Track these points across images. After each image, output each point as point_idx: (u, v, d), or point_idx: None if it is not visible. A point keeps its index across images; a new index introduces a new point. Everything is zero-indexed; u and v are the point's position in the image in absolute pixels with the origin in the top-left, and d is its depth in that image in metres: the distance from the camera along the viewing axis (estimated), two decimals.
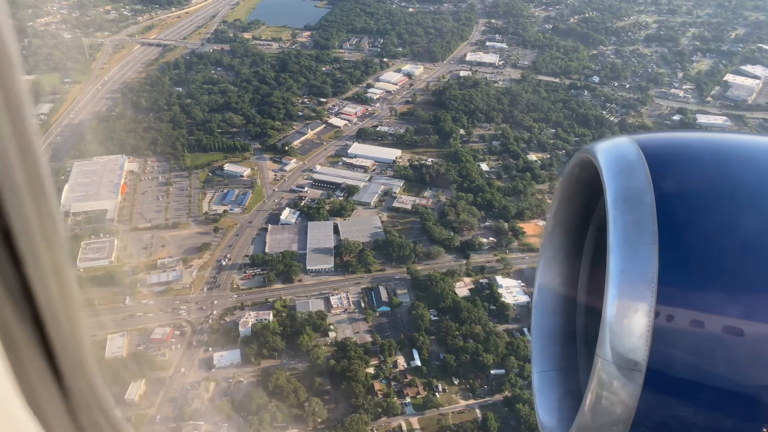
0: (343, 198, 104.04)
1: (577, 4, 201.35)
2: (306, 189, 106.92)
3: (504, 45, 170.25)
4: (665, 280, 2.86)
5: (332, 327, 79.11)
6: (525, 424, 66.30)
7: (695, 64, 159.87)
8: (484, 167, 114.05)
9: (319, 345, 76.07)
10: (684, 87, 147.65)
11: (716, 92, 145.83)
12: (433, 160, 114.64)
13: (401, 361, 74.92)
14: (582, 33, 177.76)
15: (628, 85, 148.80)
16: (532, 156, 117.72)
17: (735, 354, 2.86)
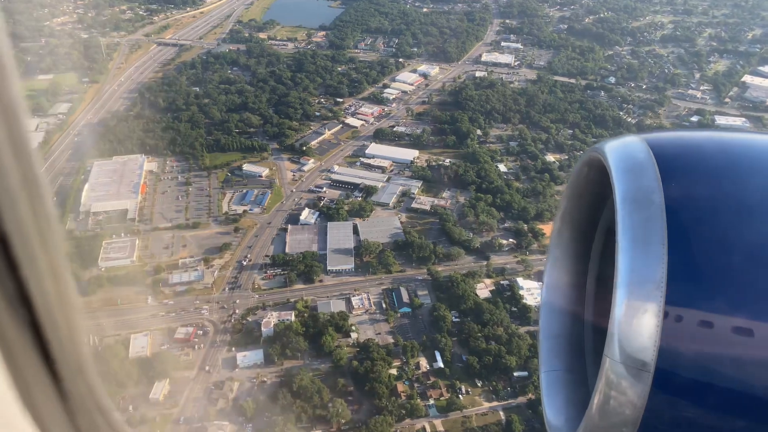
0: (362, 198, 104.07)
1: (592, 4, 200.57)
2: (324, 189, 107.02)
3: (519, 45, 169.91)
4: (674, 281, 2.84)
5: (354, 328, 79.16)
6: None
7: (712, 65, 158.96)
8: (502, 168, 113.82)
9: (341, 346, 76.12)
10: (701, 88, 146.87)
11: (734, 93, 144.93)
12: (451, 161, 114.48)
13: (424, 363, 74.85)
14: (597, 33, 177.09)
15: (645, 86, 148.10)
16: (550, 157, 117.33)
17: (744, 355, 2.84)
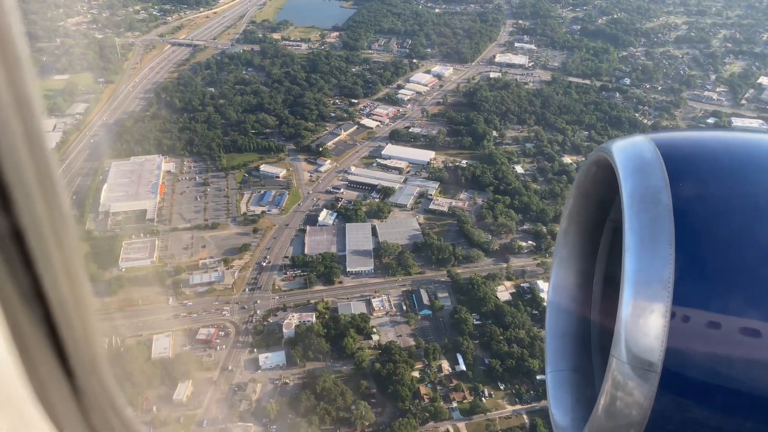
0: (379, 199, 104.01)
1: (605, 5, 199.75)
2: (342, 190, 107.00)
3: (533, 46, 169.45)
4: (681, 281, 2.83)
5: (375, 330, 79.14)
6: None
7: (727, 67, 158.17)
8: (519, 170, 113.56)
9: (363, 348, 76.10)
10: (717, 90, 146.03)
11: (750, 95, 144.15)
12: (468, 162, 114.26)
13: (446, 366, 74.76)
14: (611, 34, 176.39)
15: (660, 87, 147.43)
16: (567, 159, 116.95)
17: (751, 356, 2.83)
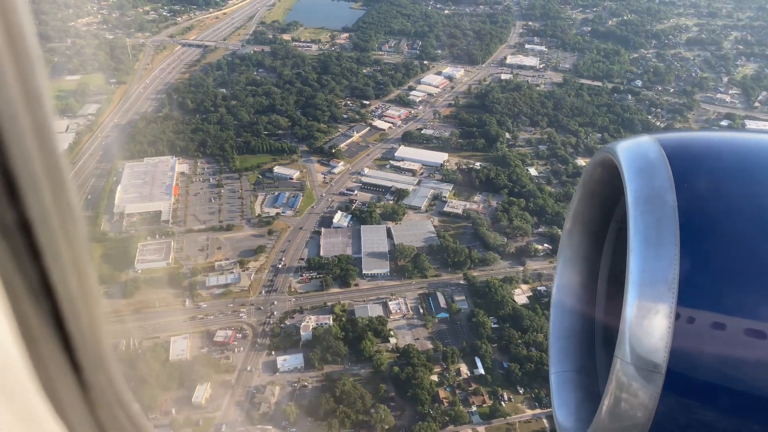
0: (394, 201, 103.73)
1: (615, 7, 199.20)
2: (356, 192, 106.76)
3: (543, 48, 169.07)
4: (686, 282, 2.80)
5: (392, 333, 78.87)
6: None
7: (740, 69, 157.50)
8: (533, 172, 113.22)
9: (381, 351, 75.85)
10: (730, 92, 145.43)
11: (763, 97, 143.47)
12: (481, 164, 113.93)
13: (464, 369, 74.45)
14: (621, 36, 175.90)
15: (673, 90, 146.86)
16: (581, 161, 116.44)
17: (757, 357, 2.80)
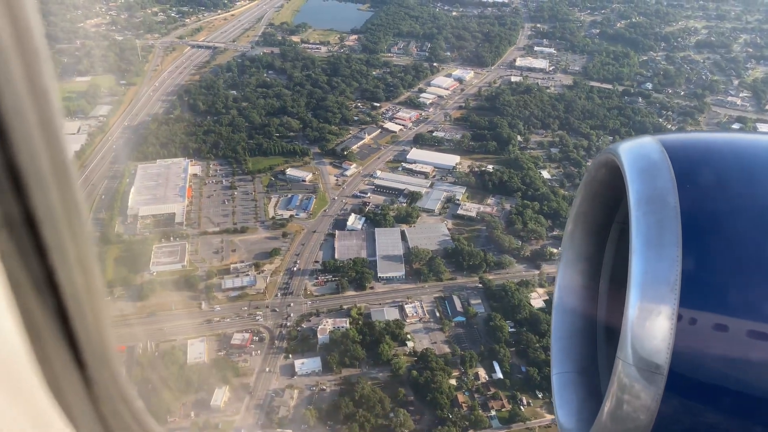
0: (407, 204, 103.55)
1: (623, 9, 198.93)
2: (368, 195, 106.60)
3: (552, 50, 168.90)
4: (688, 283, 2.80)
5: (409, 336, 78.68)
6: None
7: (750, 72, 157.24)
8: (546, 175, 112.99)
9: (398, 354, 75.69)
10: (741, 95, 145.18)
11: None
12: (494, 167, 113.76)
13: (482, 373, 74.21)
14: (630, 38, 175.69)
15: (683, 92, 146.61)
16: None
17: (759, 359, 2.80)
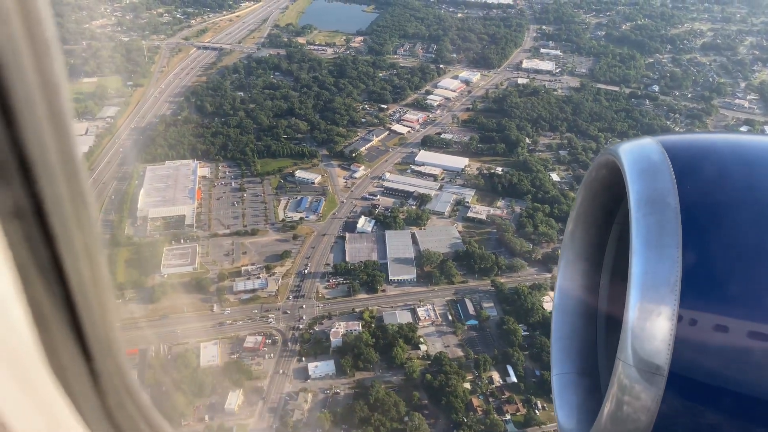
0: (417, 207, 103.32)
1: (628, 11, 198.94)
2: (378, 197, 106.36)
3: (558, 52, 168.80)
4: (689, 284, 2.79)
5: (422, 340, 78.44)
6: None
7: (756, 74, 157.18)
8: (555, 177, 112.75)
9: (412, 358, 75.44)
10: (748, 97, 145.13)
11: None
12: (503, 169, 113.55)
13: (496, 377, 73.99)
14: (636, 40, 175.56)
15: (690, 95, 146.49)
16: None
17: (760, 360, 2.80)
